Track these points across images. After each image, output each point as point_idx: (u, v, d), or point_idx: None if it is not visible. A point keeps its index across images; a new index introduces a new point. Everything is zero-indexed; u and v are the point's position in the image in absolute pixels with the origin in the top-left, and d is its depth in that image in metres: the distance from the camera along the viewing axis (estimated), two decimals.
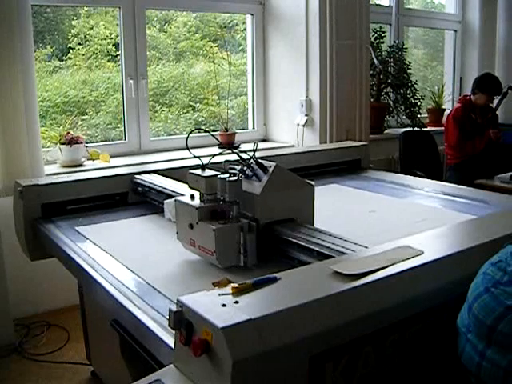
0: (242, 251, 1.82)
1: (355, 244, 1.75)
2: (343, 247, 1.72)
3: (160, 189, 2.60)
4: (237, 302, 1.19)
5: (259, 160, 1.98)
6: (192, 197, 1.96)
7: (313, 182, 2.13)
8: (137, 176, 2.81)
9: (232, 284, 1.27)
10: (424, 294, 1.40)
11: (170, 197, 2.35)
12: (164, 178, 2.77)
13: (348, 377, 1.26)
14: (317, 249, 1.76)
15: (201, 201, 1.92)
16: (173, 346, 1.29)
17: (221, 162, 2.10)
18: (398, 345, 1.35)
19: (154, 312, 1.55)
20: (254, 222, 1.86)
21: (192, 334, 1.17)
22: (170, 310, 1.21)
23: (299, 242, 1.83)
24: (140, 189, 2.75)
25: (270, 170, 1.94)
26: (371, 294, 1.32)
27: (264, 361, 1.11)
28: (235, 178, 1.86)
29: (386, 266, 1.40)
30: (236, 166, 2.01)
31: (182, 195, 2.08)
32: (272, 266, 1.82)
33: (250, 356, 1.09)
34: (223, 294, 1.23)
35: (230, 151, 2.09)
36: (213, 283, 1.45)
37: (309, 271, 1.45)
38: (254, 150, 1.97)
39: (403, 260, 1.45)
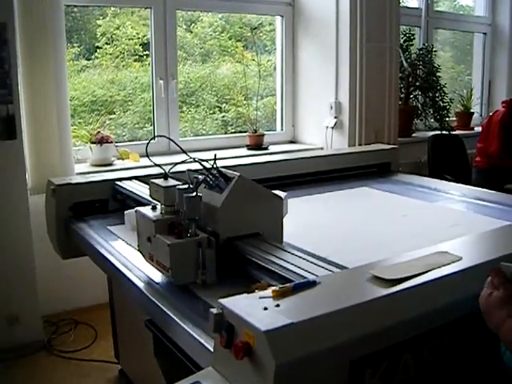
0: (200, 268, 1.69)
1: (328, 263, 1.65)
2: (307, 271, 1.57)
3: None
4: (278, 306, 1.19)
5: (222, 170, 1.86)
6: (154, 208, 1.85)
7: (283, 194, 2.01)
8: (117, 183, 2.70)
9: (272, 287, 1.27)
10: (463, 300, 1.38)
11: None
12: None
13: (386, 383, 1.25)
14: (277, 271, 1.63)
15: (160, 212, 1.81)
16: (210, 347, 1.30)
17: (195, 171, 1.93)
18: (437, 351, 1.33)
19: (189, 312, 1.55)
20: (213, 236, 1.74)
21: (233, 337, 1.16)
22: (211, 313, 1.20)
23: (260, 262, 1.71)
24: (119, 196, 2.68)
25: (233, 180, 1.81)
26: (411, 299, 1.30)
27: (305, 365, 1.10)
28: (194, 194, 1.72)
29: (426, 272, 1.39)
30: (200, 176, 1.85)
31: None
32: (234, 283, 1.70)
33: (292, 360, 1.08)
34: (264, 297, 1.23)
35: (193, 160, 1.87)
36: (253, 286, 1.45)
37: (348, 275, 1.44)
38: (215, 159, 1.83)
39: (442, 265, 1.44)
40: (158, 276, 1.83)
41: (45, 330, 3.49)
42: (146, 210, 1.85)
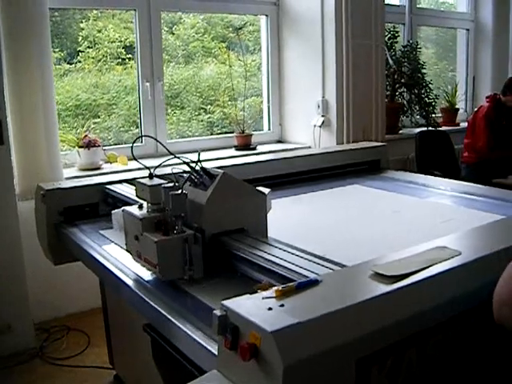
0: (187, 264, 1.72)
1: (310, 255, 1.68)
2: (292, 263, 1.60)
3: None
4: (282, 306, 1.18)
5: (206, 168, 1.91)
6: (140, 206, 1.88)
7: (266, 191, 2.04)
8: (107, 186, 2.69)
9: (275, 287, 1.25)
10: (465, 295, 1.38)
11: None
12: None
13: (392, 379, 1.24)
14: (261, 263, 1.67)
15: (147, 211, 1.84)
16: (213, 350, 1.28)
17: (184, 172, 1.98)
18: (440, 345, 1.33)
19: (189, 315, 1.54)
20: (199, 232, 1.77)
21: (238, 339, 1.15)
22: (215, 315, 1.19)
23: (245, 256, 1.74)
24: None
25: (217, 178, 1.86)
26: (414, 295, 1.30)
27: (313, 364, 1.09)
28: (179, 191, 1.76)
29: (427, 267, 1.39)
30: (185, 175, 1.93)
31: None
32: (221, 278, 1.78)
33: (299, 360, 1.07)
34: (267, 298, 1.22)
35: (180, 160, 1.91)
36: (254, 287, 1.44)
37: (350, 273, 1.43)
38: (199, 157, 1.87)
39: (443, 260, 1.43)
40: (156, 280, 1.81)
41: (37, 337, 3.46)
42: (133, 209, 1.88)
